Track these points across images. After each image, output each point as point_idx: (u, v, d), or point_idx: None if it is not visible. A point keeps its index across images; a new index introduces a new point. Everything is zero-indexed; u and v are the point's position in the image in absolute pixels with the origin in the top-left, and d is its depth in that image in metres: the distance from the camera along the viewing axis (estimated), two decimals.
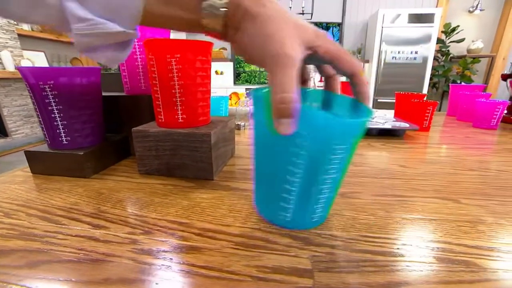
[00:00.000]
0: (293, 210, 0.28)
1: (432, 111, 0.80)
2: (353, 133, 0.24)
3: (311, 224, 0.30)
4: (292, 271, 0.23)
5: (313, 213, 0.28)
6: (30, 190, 0.40)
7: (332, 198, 0.30)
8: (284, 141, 0.24)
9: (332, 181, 0.26)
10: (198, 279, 0.22)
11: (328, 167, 0.25)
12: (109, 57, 0.26)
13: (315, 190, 0.26)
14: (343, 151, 0.24)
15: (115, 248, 0.26)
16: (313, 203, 0.27)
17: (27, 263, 0.25)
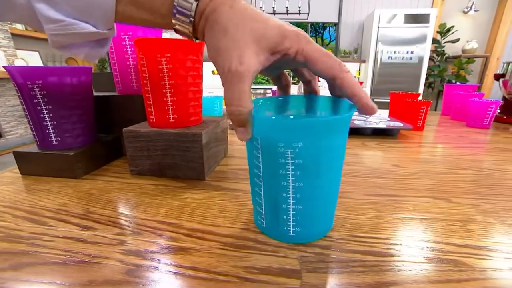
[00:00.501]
0: (265, 217, 0.27)
1: (426, 111, 0.80)
2: (297, 134, 0.22)
3: (287, 238, 0.27)
4: (280, 271, 0.23)
5: (286, 225, 0.26)
6: (18, 191, 0.39)
7: (313, 213, 0.26)
8: (250, 145, 0.25)
9: (296, 190, 0.24)
10: (185, 280, 0.22)
11: (282, 172, 0.23)
12: (87, 53, 0.26)
13: (279, 198, 0.25)
14: (296, 156, 0.22)
15: (103, 250, 0.26)
16: (282, 213, 0.26)
17: (10, 265, 0.24)
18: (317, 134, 0.22)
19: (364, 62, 3.63)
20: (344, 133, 0.24)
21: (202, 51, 0.41)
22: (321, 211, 0.27)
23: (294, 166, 0.23)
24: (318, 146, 0.22)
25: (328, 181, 0.25)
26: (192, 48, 0.38)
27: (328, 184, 0.25)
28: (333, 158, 0.24)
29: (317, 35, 4.25)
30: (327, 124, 0.22)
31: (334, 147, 0.24)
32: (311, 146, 0.22)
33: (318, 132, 0.22)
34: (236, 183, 0.41)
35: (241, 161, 0.51)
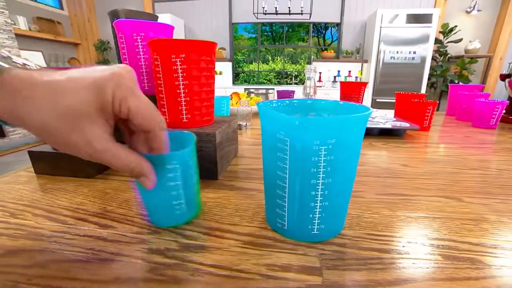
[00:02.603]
0: (288, 218, 0.27)
1: (432, 111, 0.80)
2: (332, 132, 0.23)
3: (311, 237, 0.27)
4: (301, 269, 0.24)
5: (310, 224, 0.26)
6: (35, 190, 0.40)
7: (335, 210, 0.27)
8: (270, 149, 0.26)
9: (324, 187, 0.25)
10: (208, 278, 0.23)
11: (314, 170, 0.24)
12: None
13: (306, 197, 0.25)
14: (328, 153, 0.23)
15: (124, 248, 0.27)
16: (308, 212, 0.26)
17: (36, 263, 0.25)
18: (348, 130, 0.23)
19: (366, 62, 3.63)
20: (363, 131, 0.25)
21: (214, 51, 0.42)
22: (343, 207, 0.28)
23: (326, 163, 0.23)
24: (347, 142, 0.24)
25: (351, 177, 0.27)
26: (206, 49, 0.39)
27: (351, 180, 0.27)
28: (355, 154, 0.25)
29: (319, 35, 4.25)
30: (357, 121, 0.23)
31: (357, 143, 0.25)
32: (342, 143, 0.23)
33: (349, 128, 0.23)
34: (249, 182, 0.41)
35: (252, 161, 0.52)
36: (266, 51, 4.47)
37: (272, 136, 0.25)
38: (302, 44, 4.33)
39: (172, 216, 0.30)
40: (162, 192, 0.28)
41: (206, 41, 0.38)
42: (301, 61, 4.39)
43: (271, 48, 4.43)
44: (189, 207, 0.30)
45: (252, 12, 3.70)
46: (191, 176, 0.30)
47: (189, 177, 0.29)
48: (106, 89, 0.20)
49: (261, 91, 3.78)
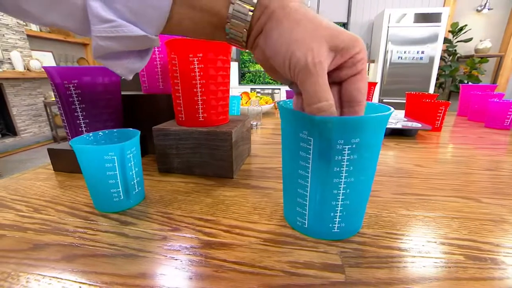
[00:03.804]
0: (309, 217, 0.27)
1: (445, 111, 0.79)
2: (357, 131, 0.23)
3: (331, 235, 0.27)
4: (323, 266, 0.24)
5: (331, 223, 0.27)
6: (55, 187, 0.41)
7: (356, 209, 0.27)
8: (292, 148, 0.26)
9: (346, 186, 0.25)
10: (231, 274, 0.23)
11: (337, 169, 0.24)
12: (126, 65, 0.25)
13: (328, 196, 0.25)
14: (352, 152, 0.23)
15: (146, 244, 0.27)
16: (329, 210, 0.26)
17: (63, 257, 0.25)
18: (371, 130, 0.23)
19: (373, 62, 3.59)
20: (383, 130, 0.25)
21: (230, 51, 0.42)
22: (363, 206, 0.28)
23: (349, 162, 0.24)
24: (370, 141, 0.24)
25: (371, 176, 0.27)
26: (223, 49, 0.39)
27: (371, 179, 0.27)
28: (377, 153, 0.25)
29: None
30: (381, 120, 0.24)
31: (379, 142, 0.25)
32: (365, 142, 0.23)
33: (373, 128, 0.23)
34: (264, 181, 0.42)
35: (265, 160, 0.52)
36: None
37: (294, 135, 0.25)
38: None
39: (111, 203, 0.33)
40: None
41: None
42: None
43: None
44: (128, 195, 0.34)
45: None
46: (129, 168, 0.33)
47: (128, 168, 0.33)
48: (360, 43, 0.22)
49: (266, 91, 3.78)
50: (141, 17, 0.22)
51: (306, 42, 0.21)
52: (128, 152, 0.32)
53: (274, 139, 0.70)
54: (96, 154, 0.30)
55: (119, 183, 0.32)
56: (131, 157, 0.33)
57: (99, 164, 0.31)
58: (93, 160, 0.31)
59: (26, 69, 2.87)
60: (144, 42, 0.23)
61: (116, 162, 0.31)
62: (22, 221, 0.31)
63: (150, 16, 0.22)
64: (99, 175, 0.31)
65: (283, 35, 0.21)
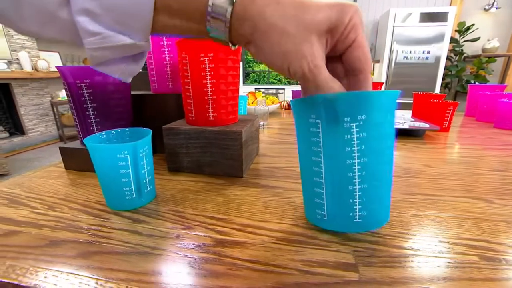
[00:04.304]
0: (327, 207, 0.27)
1: (453, 112, 0.79)
2: (361, 107, 0.23)
3: (354, 226, 0.27)
4: (337, 265, 0.24)
5: (352, 211, 0.26)
6: (67, 185, 0.41)
7: (376, 195, 0.26)
8: (303, 134, 0.26)
9: (361, 167, 0.24)
10: (245, 272, 0.23)
11: (348, 149, 0.24)
12: (123, 70, 0.26)
13: (344, 180, 0.25)
14: (360, 130, 0.23)
15: (160, 242, 0.27)
16: (348, 196, 0.25)
17: (79, 253, 0.26)
18: (377, 107, 0.23)
19: (378, 62, 3.57)
20: (393, 111, 0.25)
21: (240, 51, 0.42)
22: (384, 191, 0.27)
23: (359, 140, 0.24)
24: (378, 119, 0.24)
25: (387, 160, 0.26)
26: None
27: (388, 163, 0.26)
28: (388, 134, 0.25)
29: None
30: (385, 97, 0.23)
31: (389, 123, 0.25)
32: (372, 120, 0.23)
33: (378, 105, 0.23)
34: (274, 180, 0.42)
35: (273, 159, 0.52)
36: None
37: (304, 123, 0.26)
38: None
39: (124, 201, 0.34)
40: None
41: None
42: None
43: None
44: (140, 194, 0.34)
45: None
46: (142, 166, 0.33)
47: (140, 167, 0.33)
48: (347, 12, 0.21)
49: (271, 91, 3.78)
50: (126, 27, 0.23)
51: (297, 52, 0.21)
52: (140, 151, 0.33)
53: (281, 138, 0.70)
54: (110, 152, 0.31)
55: (132, 181, 0.33)
56: (144, 155, 0.33)
57: (113, 163, 0.31)
58: (106, 158, 0.31)
59: (34, 69, 2.91)
60: (134, 48, 0.24)
61: (129, 161, 0.32)
62: (37, 218, 0.32)
63: (134, 26, 0.23)
64: (112, 173, 0.32)
65: (273, 49, 0.22)
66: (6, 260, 0.25)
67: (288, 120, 0.98)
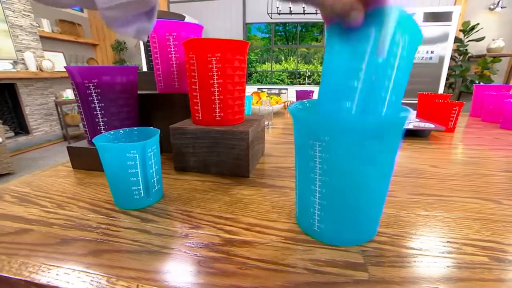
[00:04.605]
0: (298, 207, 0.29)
1: (458, 112, 0.78)
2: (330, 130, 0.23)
3: (317, 234, 0.27)
4: (346, 264, 0.24)
5: (312, 219, 0.27)
6: (75, 184, 0.42)
7: (342, 213, 0.26)
8: (303, 152, 0.26)
9: (322, 184, 0.25)
10: (255, 271, 0.23)
11: (311, 164, 0.25)
12: (138, 28, 0.27)
13: (307, 190, 0.26)
14: (321, 149, 0.23)
15: (169, 241, 0.28)
16: (310, 205, 0.27)
17: (90, 251, 0.26)
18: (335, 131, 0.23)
19: None
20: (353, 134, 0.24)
21: (247, 51, 0.43)
22: (354, 213, 0.26)
23: (321, 159, 0.24)
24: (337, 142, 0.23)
25: (363, 184, 0.25)
26: (240, 48, 0.40)
27: (362, 186, 0.25)
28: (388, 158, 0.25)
29: None
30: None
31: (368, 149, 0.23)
32: (333, 142, 0.23)
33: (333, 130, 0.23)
34: (280, 180, 0.42)
35: (279, 159, 0.52)
36: (279, 51, 4.46)
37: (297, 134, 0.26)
38: (316, 44, 4.29)
39: (132, 201, 0.34)
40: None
41: (240, 40, 0.39)
42: (314, 61, 4.35)
43: (284, 48, 4.42)
44: (148, 193, 0.34)
45: (266, 12, 3.70)
46: (150, 165, 0.34)
47: (148, 166, 0.33)
48: None
49: (273, 91, 3.77)
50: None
51: None
52: (149, 150, 0.33)
53: (285, 138, 0.70)
54: (119, 151, 0.31)
55: (140, 180, 0.33)
56: (152, 155, 0.34)
57: (121, 162, 0.31)
58: (115, 157, 0.31)
59: (38, 69, 2.94)
60: (144, 4, 0.25)
61: (138, 160, 0.32)
62: (47, 216, 0.32)
63: None
64: (121, 173, 0.32)
65: None
66: (18, 257, 0.25)
67: (292, 120, 0.98)
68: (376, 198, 0.26)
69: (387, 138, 0.23)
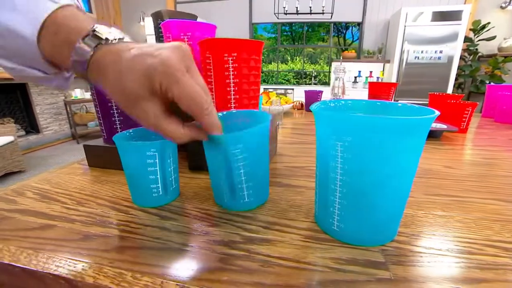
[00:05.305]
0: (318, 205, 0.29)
1: (471, 112, 0.77)
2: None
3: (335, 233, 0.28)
4: (367, 263, 0.24)
5: (332, 218, 0.27)
6: (92, 182, 0.42)
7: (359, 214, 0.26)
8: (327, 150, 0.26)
9: (343, 184, 0.25)
10: (278, 269, 0.23)
11: (333, 163, 0.25)
12: (55, 85, 0.30)
13: (328, 190, 0.27)
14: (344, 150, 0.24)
15: (190, 239, 0.28)
16: (330, 205, 0.27)
17: (113, 248, 0.26)
18: None
19: (388, 62, 3.53)
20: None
21: (261, 50, 0.43)
22: (371, 214, 0.26)
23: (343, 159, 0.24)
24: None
25: (384, 186, 0.25)
26: (256, 48, 0.40)
27: (382, 187, 0.25)
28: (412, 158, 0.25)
29: (339, 35, 4.19)
30: None
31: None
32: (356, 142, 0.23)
33: None
34: (295, 179, 0.42)
35: (292, 159, 0.52)
36: (286, 51, 4.46)
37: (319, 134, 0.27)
38: (322, 44, 4.27)
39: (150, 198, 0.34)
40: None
41: (256, 40, 0.39)
42: (320, 61, 4.34)
43: (291, 48, 4.41)
44: (166, 191, 0.35)
45: (272, 12, 3.70)
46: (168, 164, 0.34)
47: (167, 164, 0.34)
48: (154, 78, 0.23)
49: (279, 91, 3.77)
50: (30, 63, 0.26)
51: (133, 114, 0.26)
52: (168, 149, 0.33)
53: (297, 138, 0.70)
54: (139, 150, 0.32)
55: (159, 178, 0.33)
56: (170, 153, 0.34)
57: (141, 160, 0.32)
58: (135, 155, 0.32)
59: None
60: (48, 79, 0.28)
61: (157, 158, 0.32)
62: (68, 213, 0.33)
63: (35, 65, 0.26)
64: (141, 171, 0.33)
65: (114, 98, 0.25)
66: (45, 252, 0.26)
67: (301, 120, 0.98)
68: (398, 199, 0.26)
69: (413, 138, 0.23)
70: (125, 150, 0.33)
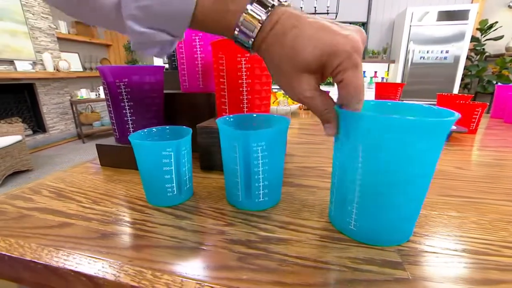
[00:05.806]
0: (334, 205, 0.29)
1: (481, 113, 0.77)
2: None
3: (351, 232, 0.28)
4: (384, 263, 0.24)
5: (349, 217, 0.28)
6: (105, 181, 0.43)
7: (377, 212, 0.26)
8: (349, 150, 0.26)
9: (362, 183, 0.25)
10: (296, 268, 0.23)
11: (354, 164, 0.26)
12: (159, 52, 0.29)
13: (346, 190, 0.27)
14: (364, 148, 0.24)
15: (206, 238, 0.28)
16: (348, 204, 0.27)
17: (130, 246, 0.27)
18: None
19: (393, 62, 3.51)
20: None
21: None
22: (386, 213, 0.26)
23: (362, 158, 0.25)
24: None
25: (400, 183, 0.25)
26: None
27: (398, 184, 0.25)
28: None
29: None
30: None
31: None
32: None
33: None
34: (306, 179, 0.42)
35: (302, 159, 0.53)
36: None
37: None
38: None
39: (165, 198, 0.35)
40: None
41: None
42: None
43: None
44: (180, 191, 0.35)
45: None
46: (183, 164, 0.35)
47: (182, 164, 0.34)
48: (337, 57, 0.22)
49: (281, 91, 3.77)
50: (166, 25, 0.26)
51: (288, 85, 0.26)
52: (183, 149, 0.34)
53: (306, 138, 0.70)
54: (155, 149, 0.32)
55: (174, 178, 0.34)
56: (185, 153, 0.34)
57: (157, 159, 0.32)
58: (151, 155, 0.32)
59: (55, 70, 3.02)
60: (170, 41, 0.28)
61: (173, 158, 0.33)
62: (85, 211, 0.33)
63: (173, 24, 0.26)
64: (156, 170, 0.33)
65: (275, 71, 0.26)
66: (65, 250, 0.26)
67: (308, 120, 0.98)
68: (417, 199, 0.26)
69: (435, 139, 0.23)
70: (141, 150, 0.33)
